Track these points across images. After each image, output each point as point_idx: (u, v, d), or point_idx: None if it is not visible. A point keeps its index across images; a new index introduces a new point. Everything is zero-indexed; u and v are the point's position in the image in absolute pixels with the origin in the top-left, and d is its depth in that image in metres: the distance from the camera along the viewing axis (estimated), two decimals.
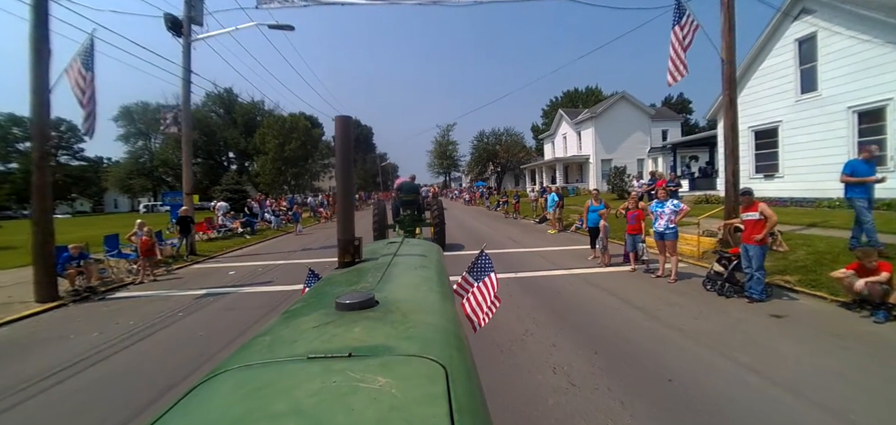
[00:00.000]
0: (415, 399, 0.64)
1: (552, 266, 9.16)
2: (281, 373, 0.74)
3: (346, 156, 1.83)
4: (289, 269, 10.22)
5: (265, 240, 16.83)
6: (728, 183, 8.69)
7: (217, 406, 0.68)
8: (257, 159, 40.61)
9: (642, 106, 35.92)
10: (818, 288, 6.41)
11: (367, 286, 1.35)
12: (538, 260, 10.00)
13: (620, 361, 4.30)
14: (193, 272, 10.67)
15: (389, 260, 1.76)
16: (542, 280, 7.93)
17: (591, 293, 6.92)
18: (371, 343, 0.83)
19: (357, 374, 0.69)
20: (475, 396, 0.74)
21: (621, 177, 25.91)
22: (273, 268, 10.49)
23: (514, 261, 9.93)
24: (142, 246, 9.52)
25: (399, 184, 12.50)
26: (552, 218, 15.23)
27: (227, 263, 11.65)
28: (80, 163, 79.42)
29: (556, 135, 43.14)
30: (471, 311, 2.54)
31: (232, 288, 8.39)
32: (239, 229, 16.82)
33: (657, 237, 7.61)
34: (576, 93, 64.33)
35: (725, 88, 8.58)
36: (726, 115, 8.61)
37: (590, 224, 9.75)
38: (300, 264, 10.89)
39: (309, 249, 13.75)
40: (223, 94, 55.62)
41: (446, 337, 0.93)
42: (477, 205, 36.70)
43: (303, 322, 1.02)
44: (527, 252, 11.26)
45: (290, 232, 19.46)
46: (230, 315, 6.51)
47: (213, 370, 0.80)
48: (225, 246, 14.56)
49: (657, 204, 7.64)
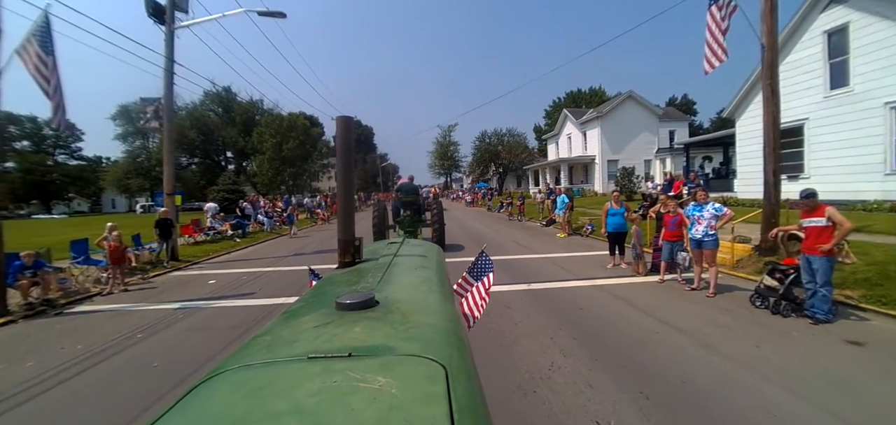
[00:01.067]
0: (415, 399, 0.64)
1: (568, 275, 8.18)
2: (281, 373, 0.74)
3: (347, 156, 1.81)
4: (275, 278, 9.25)
5: (256, 244, 15.86)
6: (768, 184, 7.71)
7: (217, 406, 0.68)
8: (255, 159, 39.61)
9: (650, 105, 34.94)
10: (891, 305, 5.44)
11: (368, 286, 1.33)
12: (551, 268, 9.02)
13: (681, 411, 3.32)
14: (171, 280, 9.70)
15: (390, 260, 1.75)
16: (559, 292, 6.95)
17: (621, 310, 5.94)
18: (371, 343, 0.83)
19: (357, 374, 0.69)
20: (475, 396, 0.73)
21: (630, 178, 24.95)
22: (259, 276, 9.52)
23: (524, 269, 8.95)
24: (111, 252, 8.55)
25: (399, 184, 12.30)
26: (562, 221, 14.24)
27: (210, 270, 10.68)
28: (78, 162, 78.88)
29: (560, 136, 42.16)
30: (467, 310, 2.54)
31: (208, 301, 7.42)
32: (229, 232, 15.83)
33: (693, 245, 6.63)
34: (579, 93, 63.32)
35: (766, 77, 7.60)
36: (767, 108, 7.63)
37: (610, 228, 8.76)
38: (289, 272, 9.92)
39: (301, 254, 12.78)
40: (221, 93, 54.78)
41: (446, 338, 0.93)
42: (479, 206, 35.74)
43: (303, 322, 1.01)
44: (537, 258, 10.28)
45: (285, 234, 18.49)
46: (197, 337, 5.53)
47: (213, 370, 0.79)
48: (212, 250, 13.58)
49: (694, 207, 6.66)
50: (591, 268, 8.84)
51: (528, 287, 7.30)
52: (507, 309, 6.03)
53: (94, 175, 74.24)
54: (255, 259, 12.17)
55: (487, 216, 25.62)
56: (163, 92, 11.43)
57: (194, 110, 53.49)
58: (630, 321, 5.47)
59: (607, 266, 8.84)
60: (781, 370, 3.94)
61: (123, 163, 59.89)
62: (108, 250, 8.61)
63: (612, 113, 33.92)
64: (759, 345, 4.53)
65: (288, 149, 36.69)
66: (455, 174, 74.41)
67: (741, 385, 3.71)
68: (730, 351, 4.39)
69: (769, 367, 4.00)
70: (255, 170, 39.42)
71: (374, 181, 73.35)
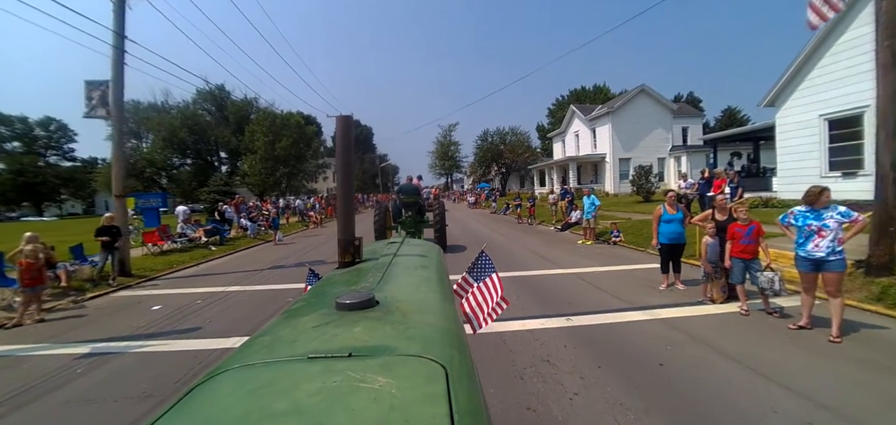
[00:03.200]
0: (415, 399, 0.63)
1: (616, 301, 6.24)
2: (281, 373, 0.73)
3: (347, 155, 1.81)
4: (237, 302, 7.32)
5: (234, 252, 13.94)
6: (885, 180, 5.75)
7: (217, 405, 0.67)
8: (246, 158, 37.62)
9: (664, 100, 32.98)
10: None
11: (368, 286, 1.30)
12: (588, 289, 7.09)
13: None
14: (109, 304, 7.77)
15: (390, 260, 1.73)
16: (615, 332, 5.01)
17: (723, 370, 3.97)
18: (371, 343, 0.82)
19: (357, 374, 0.69)
20: (475, 396, 0.73)
21: (647, 178, 22.97)
22: (218, 299, 7.59)
23: (553, 290, 7.02)
24: (23, 271, 6.63)
25: (400, 185, 12.21)
26: (589, 226, 12.28)
27: (161, 290, 8.74)
28: (72, 163, 77.18)
29: (566, 134, 40.21)
30: (470, 311, 2.56)
31: (133, 340, 5.50)
32: (202, 239, 13.86)
33: (808, 267, 4.69)
34: (583, 90, 61.40)
35: (883, 37, 5.64)
36: (885, 79, 5.67)
37: (664, 239, 6.83)
38: (257, 293, 7.99)
39: (279, 267, 10.85)
40: (215, 91, 52.88)
41: (447, 338, 0.92)
42: (483, 207, 33.77)
43: (303, 322, 1.00)
44: (565, 274, 8.34)
45: (271, 240, 16.55)
46: (76, 419, 3.61)
47: (213, 370, 0.78)
48: (177, 261, 11.65)
49: (807, 212, 4.71)
50: (639, 289, 6.91)
51: (569, 322, 5.36)
52: (549, 365, 4.10)
53: (87, 176, 72.52)
54: (223, 273, 10.24)
55: (492, 218, 23.68)
56: (111, 73, 9.50)
57: (186, 109, 51.62)
58: (744, 392, 3.51)
59: (660, 287, 6.91)
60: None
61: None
62: (20, 269, 6.70)
63: (624, 108, 31.97)
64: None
65: (281, 147, 34.64)
66: (456, 174, 72.61)
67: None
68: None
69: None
70: (246, 170, 37.39)
71: (372, 182, 71.42)
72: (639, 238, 11.77)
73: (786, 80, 14.75)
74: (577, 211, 16.19)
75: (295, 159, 36.00)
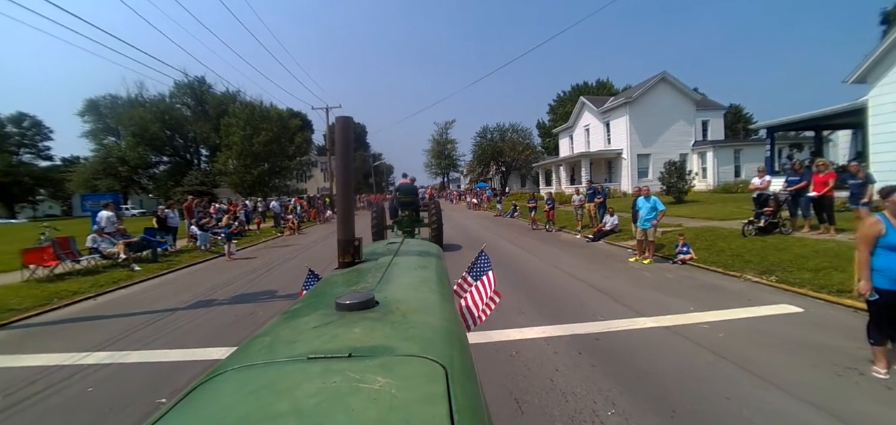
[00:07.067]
0: (415, 399, 0.62)
1: (803, 407, 2.90)
2: (281, 373, 0.72)
3: (347, 156, 1.75)
4: (49, 410, 3.89)
5: (169, 272, 10.46)
6: None
7: (217, 406, 0.65)
8: (220, 154, 33.93)
9: (686, 90, 29.73)
10: None
11: (367, 286, 1.28)
12: (723, 375, 3.72)
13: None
14: None
15: (389, 260, 1.70)
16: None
17: None
18: (371, 343, 0.81)
19: (357, 374, 0.68)
20: (475, 396, 0.72)
21: (682, 175, 19.71)
22: (67, 384, 4.14)
23: (661, 381, 3.65)
24: None
25: (399, 185, 12.28)
26: (647, 239, 8.90)
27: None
28: (48, 162, 72.86)
29: (575, 129, 36.92)
30: (466, 309, 2.52)
31: None
32: (121, 255, 10.31)
33: None
34: (586, 86, 58.22)
35: None
36: None
37: (887, 282, 3.48)
38: (129, 370, 4.52)
39: (207, 304, 7.38)
40: (194, 84, 49.04)
41: (446, 338, 0.91)
42: (486, 209, 30.35)
43: (303, 322, 0.98)
44: (655, 331, 4.98)
45: (222, 252, 13.01)
46: None
47: (212, 370, 0.76)
48: (68, 290, 8.14)
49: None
50: (826, 373, 3.57)
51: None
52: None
53: (63, 176, 68.32)
54: (114, 316, 6.76)
55: (500, 223, 20.32)
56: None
57: (161, 103, 47.70)
58: None
59: (879, 373, 3.58)
60: None
61: (92, 163, 53.44)
62: None
63: (643, 98, 28.69)
64: None
65: (259, 142, 30.96)
66: (452, 174, 69.28)
67: None
68: None
69: None
70: (221, 167, 33.67)
71: (365, 181, 67.86)
72: (714, 254, 8.51)
73: (882, 51, 11.52)
74: (613, 215, 12.90)
75: (276, 155, 32.32)
